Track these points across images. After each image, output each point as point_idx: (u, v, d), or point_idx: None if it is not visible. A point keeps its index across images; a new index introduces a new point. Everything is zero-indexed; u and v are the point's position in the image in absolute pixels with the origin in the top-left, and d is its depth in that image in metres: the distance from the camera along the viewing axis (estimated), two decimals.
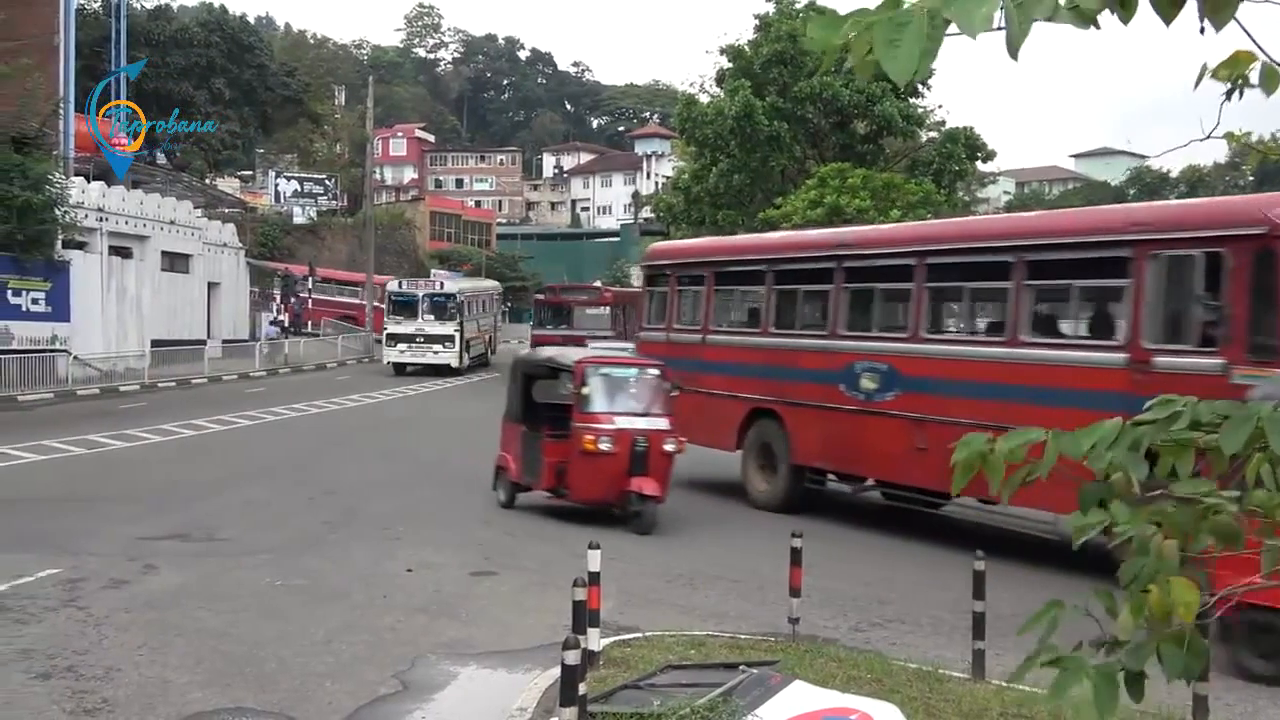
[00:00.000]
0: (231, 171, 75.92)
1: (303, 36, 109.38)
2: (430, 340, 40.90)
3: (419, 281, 45.63)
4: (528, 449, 15.38)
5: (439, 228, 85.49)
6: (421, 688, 8.09)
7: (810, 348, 15.98)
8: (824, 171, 32.46)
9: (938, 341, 14.39)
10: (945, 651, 9.09)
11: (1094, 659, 2.37)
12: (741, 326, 18.08)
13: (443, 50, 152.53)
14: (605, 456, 14.22)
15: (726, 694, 6.59)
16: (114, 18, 51.93)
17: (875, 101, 35.18)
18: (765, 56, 36.49)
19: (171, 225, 40.64)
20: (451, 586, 11.17)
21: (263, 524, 14.23)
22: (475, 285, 49.56)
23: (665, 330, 19.08)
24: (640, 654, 8.35)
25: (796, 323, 16.79)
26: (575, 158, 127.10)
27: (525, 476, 15.37)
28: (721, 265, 18.57)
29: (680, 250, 21.54)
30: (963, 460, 2.60)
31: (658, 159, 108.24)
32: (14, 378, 29.14)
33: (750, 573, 12.20)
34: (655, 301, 19.97)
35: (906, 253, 14.94)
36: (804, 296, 16.98)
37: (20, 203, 29.31)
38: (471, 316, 43.64)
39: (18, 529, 13.40)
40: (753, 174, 37.27)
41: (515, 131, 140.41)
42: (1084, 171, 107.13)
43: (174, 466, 19.19)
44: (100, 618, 9.43)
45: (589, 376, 14.63)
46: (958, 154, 36.17)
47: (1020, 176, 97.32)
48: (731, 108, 35.67)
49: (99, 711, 7.30)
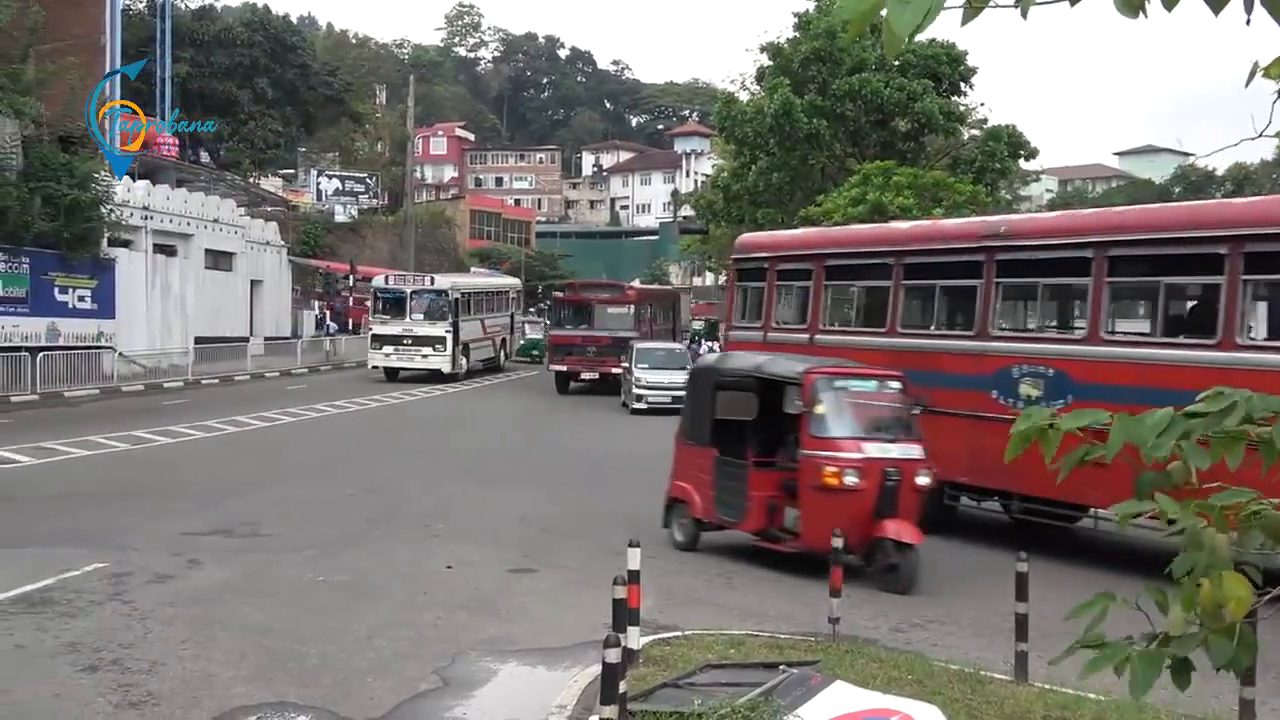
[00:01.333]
0: (274, 170, 76.48)
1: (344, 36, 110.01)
2: (419, 342, 36.79)
3: (407, 276, 40.56)
4: (724, 480, 12.71)
5: (479, 226, 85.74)
6: (462, 684, 8.12)
7: (952, 350, 14.39)
8: (868, 169, 32.29)
9: (1124, 344, 12.88)
10: (987, 653, 9.02)
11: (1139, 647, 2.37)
12: (861, 326, 16.48)
13: (483, 49, 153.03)
14: (849, 493, 11.44)
15: (767, 694, 6.56)
16: (159, 18, 52.62)
17: (916, 99, 34.94)
18: (805, 54, 36.35)
19: (215, 223, 41.05)
20: (491, 584, 11.21)
21: (304, 520, 14.34)
22: (477, 281, 45.76)
23: (761, 329, 17.50)
24: (679, 653, 8.35)
25: (933, 322, 15.34)
26: (614, 156, 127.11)
27: (720, 513, 12.76)
28: (835, 258, 16.83)
29: (781, 242, 19.46)
30: (1022, 432, 2.60)
31: (697, 157, 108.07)
32: (61, 374, 29.54)
33: (789, 572, 12.15)
34: (749, 298, 18.37)
35: (1083, 244, 13.23)
36: (943, 293, 15.34)
37: (67, 201, 29.73)
38: (472, 315, 39.71)
39: (64, 524, 13.59)
40: (792, 172, 37.14)
41: (555, 130, 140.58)
42: (1127, 169, 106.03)
43: (217, 463, 19.39)
44: (145, 612, 9.53)
45: (821, 390, 11.91)
46: (1000, 152, 35.86)
47: (1063, 174, 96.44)
48: (771, 106, 35.55)
49: (144, 704, 7.38)
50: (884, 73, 35.11)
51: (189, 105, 59.38)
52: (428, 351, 36.63)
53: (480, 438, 24.02)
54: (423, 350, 36.65)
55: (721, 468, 12.78)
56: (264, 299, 45.28)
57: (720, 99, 41.13)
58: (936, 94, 35.86)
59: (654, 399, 29.17)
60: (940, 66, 36.75)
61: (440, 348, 36.67)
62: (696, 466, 13.13)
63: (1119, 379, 12.17)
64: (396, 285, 38.60)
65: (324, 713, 7.39)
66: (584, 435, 25.50)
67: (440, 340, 36.71)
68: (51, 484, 16.68)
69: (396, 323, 36.95)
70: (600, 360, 34.27)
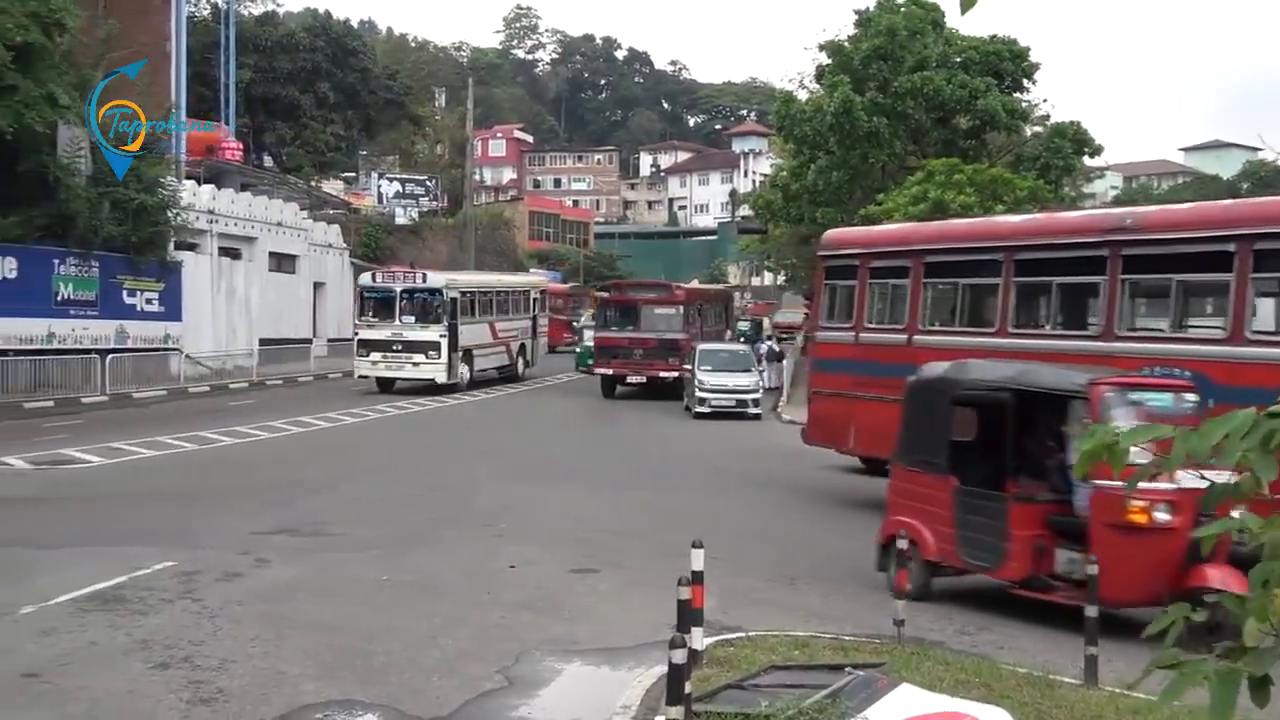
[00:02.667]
0: (336, 173, 77.31)
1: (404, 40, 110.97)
2: (409, 348, 32.35)
3: (396, 273, 35.49)
4: (969, 515, 10.68)
5: (537, 227, 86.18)
6: (526, 683, 8.16)
7: (1072, 352, 13.34)
8: (931, 165, 31.99)
9: (1272, 344, 12.00)
10: (1056, 657, 8.90)
11: (1216, 665, 2.32)
12: (967, 326, 15.62)
13: (541, 51, 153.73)
14: (1158, 533, 9.40)
15: (833, 695, 6.53)
16: (223, 25, 53.34)
17: (978, 96, 34.57)
18: (865, 52, 36.07)
19: (278, 227, 41.58)
20: (554, 583, 11.24)
21: (370, 519, 14.48)
22: (484, 279, 41.04)
23: (853, 330, 16.86)
24: (743, 654, 8.32)
25: (1048, 321, 14.65)
26: (672, 156, 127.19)
27: (966, 556, 10.76)
28: (936, 253, 16.06)
29: (874, 237, 18.61)
30: (1089, 450, 2.55)
31: (755, 157, 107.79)
32: (129, 375, 30.07)
33: (853, 573, 12.08)
34: (838, 297, 17.68)
35: (1224, 236, 12.37)
36: (1060, 291, 14.55)
37: (135, 205, 30.29)
38: (477, 318, 35.20)
39: (134, 523, 13.84)
40: (852, 171, 36.87)
41: (612, 131, 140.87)
42: (1194, 165, 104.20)
43: (283, 462, 19.65)
44: (215, 610, 9.67)
45: (1114, 406, 9.83)
46: (1064, 149, 35.37)
47: (1128, 171, 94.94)
48: (830, 104, 35.31)
49: (215, 701, 7.48)
50: (946, 70, 34.78)
51: (252, 110, 60.26)
52: (419, 358, 32.31)
53: (541, 440, 24.13)
54: (413, 357, 32.35)
55: (965, 501, 10.70)
56: (327, 301, 45.78)
57: (779, 98, 40.93)
58: (999, 91, 35.45)
59: (717, 402, 28.56)
60: (1002, 63, 36.31)
61: (433, 354, 32.26)
62: (927, 498, 11.09)
63: (1266, 381, 11.08)
64: (384, 283, 33.84)
65: (390, 711, 7.46)
66: (643, 438, 25.52)
67: (433, 345, 32.32)
68: (121, 484, 16.98)
69: (385, 326, 32.66)
70: (647, 363, 33.09)
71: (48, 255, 28.86)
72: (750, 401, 28.95)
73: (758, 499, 17.38)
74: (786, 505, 16.92)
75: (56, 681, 7.77)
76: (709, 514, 15.24)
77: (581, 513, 15.38)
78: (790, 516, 16.10)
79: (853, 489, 18.12)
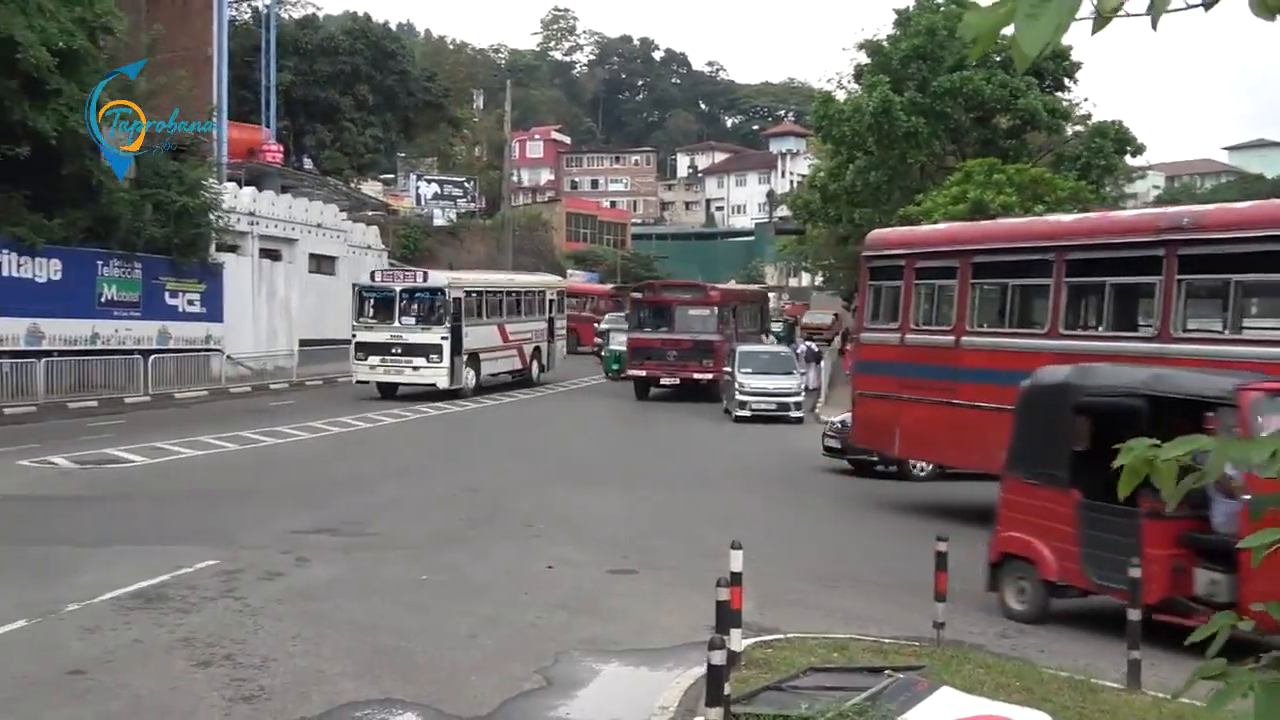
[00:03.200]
0: (374, 175, 77.80)
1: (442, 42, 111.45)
2: (409, 351, 30.67)
3: (395, 272, 34.15)
4: (1095, 532, 9.95)
5: (575, 229, 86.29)
6: (565, 684, 8.17)
7: (1125, 352, 13.04)
8: (970, 166, 31.79)
9: None
10: (1097, 660, 8.82)
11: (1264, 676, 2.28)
12: (1016, 327, 15.36)
13: (578, 53, 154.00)
14: None
15: (873, 698, 6.50)
16: (264, 28, 53.79)
17: (1019, 95, 34.34)
18: (904, 51, 35.94)
19: (318, 228, 41.86)
20: (591, 584, 11.26)
21: (408, 519, 14.56)
22: (492, 279, 38.72)
23: (898, 331, 16.55)
24: (782, 655, 8.30)
25: (1102, 323, 14.24)
26: (709, 157, 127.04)
27: (1093, 576, 9.96)
28: (984, 253, 15.72)
29: (920, 237, 18.34)
30: (1129, 465, 2.51)
31: (792, 157, 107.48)
32: (171, 376, 30.39)
33: (892, 575, 12.03)
34: (883, 298, 17.42)
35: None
36: (1113, 291, 14.10)
37: (177, 208, 30.60)
38: (485, 319, 33.47)
39: (177, 521, 13.99)
40: (890, 171, 36.72)
41: (650, 132, 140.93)
42: (1237, 164, 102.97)
43: (323, 462, 19.78)
44: (256, 608, 9.74)
45: (1264, 413, 9.20)
46: (1105, 148, 35.05)
47: (1170, 170, 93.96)
48: (869, 104, 35.17)
49: (256, 699, 7.54)
50: (985, 69, 34.56)
51: (293, 113, 60.70)
52: (419, 362, 30.56)
53: (579, 442, 24.17)
54: (413, 360, 30.61)
55: (1091, 516, 9.95)
56: None
57: (817, 98, 40.83)
58: (1040, 90, 35.20)
59: (759, 406, 27.85)
60: (1043, 62, 36.06)
61: (435, 358, 30.51)
62: (1045, 513, 10.33)
63: None
64: (384, 283, 32.17)
65: (430, 710, 7.49)
66: (680, 441, 25.49)
67: (434, 348, 30.58)
68: (164, 483, 17.16)
69: (383, 328, 30.92)
70: (681, 365, 32.55)
71: (91, 257, 29.21)
72: (792, 405, 28.40)
73: (795, 501, 17.33)
74: (825, 507, 16.86)
75: (101, 678, 7.86)
76: (746, 516, 15.21)
77: (618, 514, 15.39)
78: (828, 518, 16.05)
79: (892, 492, 18.04)
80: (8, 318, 26.83)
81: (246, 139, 46.64)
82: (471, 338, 32.00)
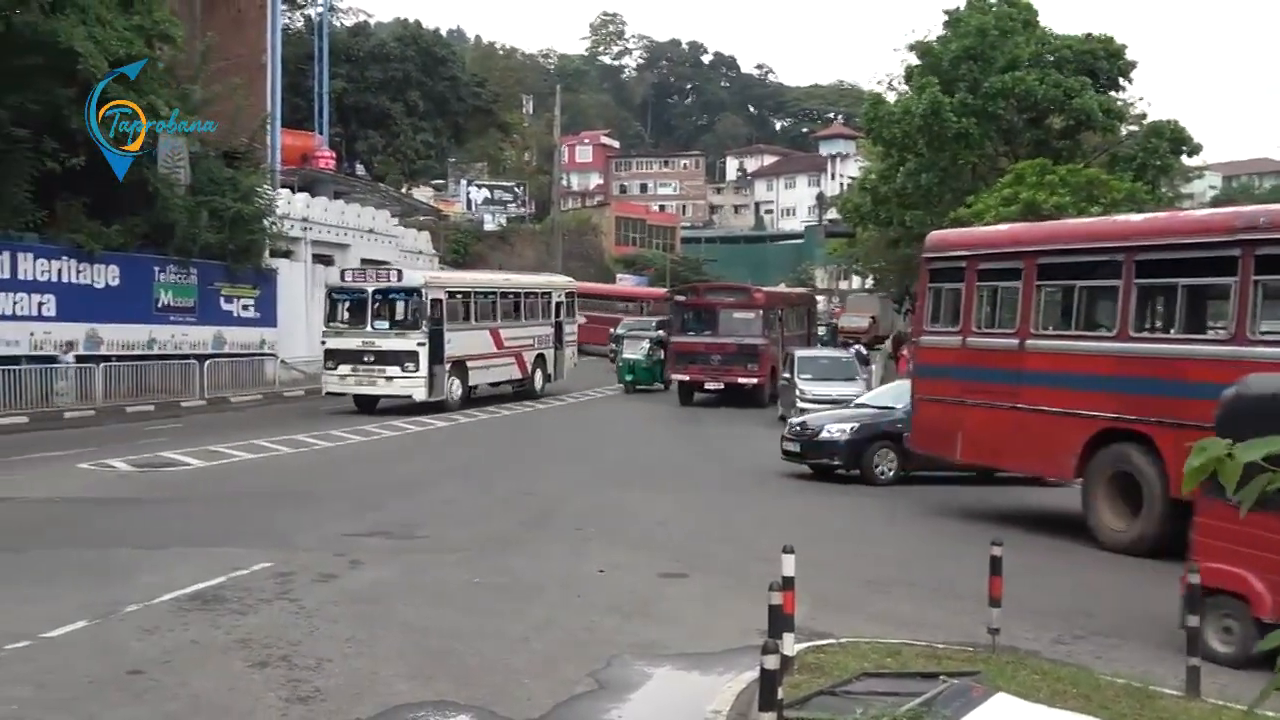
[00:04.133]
0: (426, 180, 78.45)
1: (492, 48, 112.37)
2: (382, 359, 27.63)
3: (367, 270, 30.56)
4: None
5: (624, 232, 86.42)
6: (617, 687, 8.18)
7: (1201, 356, 12.83)
8: (1022, 167, 31.51)
9: None
10: (1155, 668, 8.69)
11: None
12: (1084, 330, 15.03)
13: (627, 57, 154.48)
14: None
15: (927, 704, 6.46)
16: (316, 36, 54.43)
17: (1072, 95, 34.01)
18: (955, 53, 35.72)
19: (370, 234, 42.24)
20: (643, 587, 11.26)
21: (460, 522, 14.65)
22: (481, 278, 35.96)
23: (959, 334, 16.30)
24: (835, 660, 8.26)
25: (1173, 324, 13.90)
26: (759, 160, 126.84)
27: None
28: (1050, 254, 15.36)
29: (982, 238, 18.00)
30: (1197, 467, 2.49)
31: (842, 160, 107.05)
32: (226, 380, 30.80)
33: (945, 581, 11.93)
34: (943, 300, 17.13)
35: None
36: (1186, 293, 13.71)
37: (232, 214, 31.06)
38: (475, 324, 30.58)
39: (233, 524, 14.16)
40: (941, 173, 36.51)
41: (699, 135, 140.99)
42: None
43: (375, 465, 19.96)
44: (311, 610, 9.84)
45: None
46: (1161, 148, 34.63)
47: (1228, 170, 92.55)
48: (919, 105, 34.98)
49: (312, 700, 7.61)
50: (1038, 69, 34.27)
51: (345, 119, 61.39)
52: (392, 371, 27.59)
53: (630, 445, 24.20)
54: (386, 370, 27.63)
55: None
56: None
57: (867, 100, 40.67)
58: (1094, 90, 34.84)
59: None
60: (1097, 61, 35.70)
61: (410, 366, 27.48)
62: (1261, 542, 8.82)
63: None
64: (354, 282, 29.07)
65: (483, 712, 7.52)
66: (729, 445, 25.45)
67: (409, 356, 27.52)
68: (220, 486, 17.38)
69: (355, 333, 27.98)
70: (725, 369, 32.06)
71: (149, 263, 29.68)
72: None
73: (847, 505, 17.24)
74: (877, 512, 16.75)
75: (160, 678, 7.97)
76: (799, 519, 15.17)
77: (670, 517, 15.38)
78: (881, 523, 15.94)
79: (944, 497, 17.91)
80: (68, 323, 27.31)
81: (300, 145, 47.23)
82: (456, 344, 28.97)
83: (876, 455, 19.05)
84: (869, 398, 22.09)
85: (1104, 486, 13.90)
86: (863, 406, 21.05)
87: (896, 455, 18.85)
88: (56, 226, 27.30)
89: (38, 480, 17.22)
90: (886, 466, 19.04)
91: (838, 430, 19.24)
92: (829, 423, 19.57)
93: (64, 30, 24.03)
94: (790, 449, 19.81)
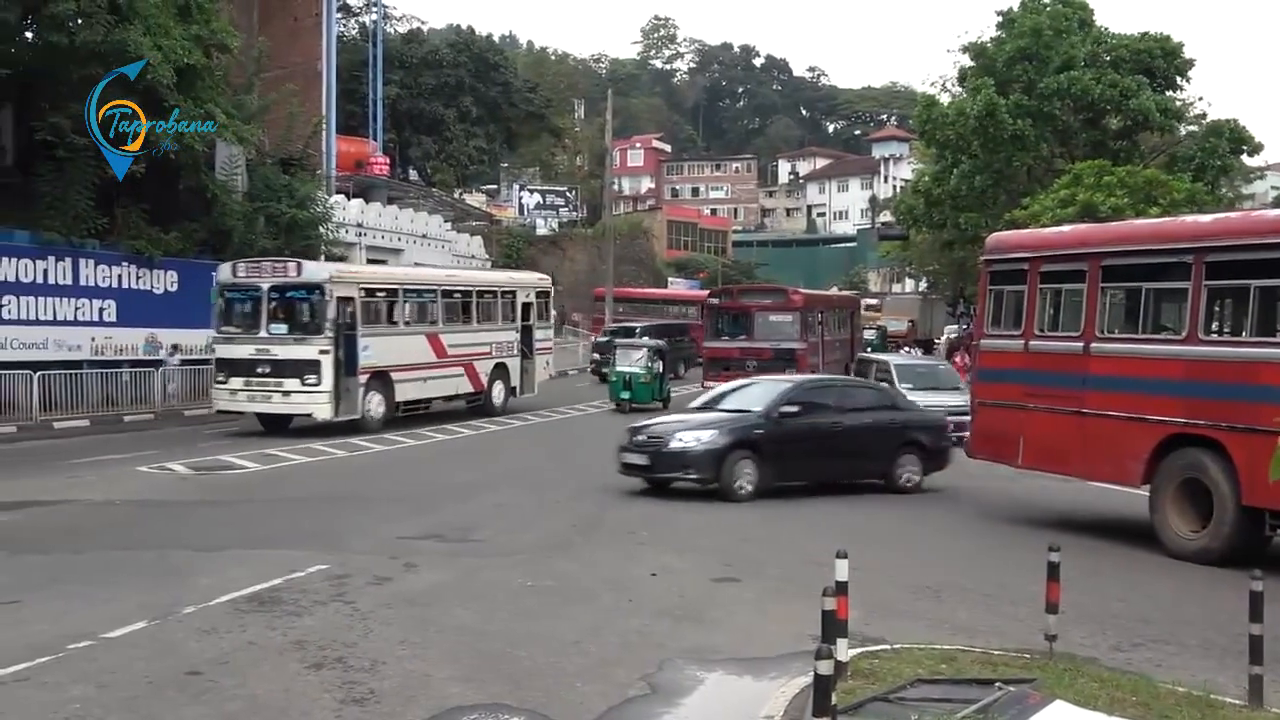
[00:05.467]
0: (478, 186, 78.99)
1: (544, 53, 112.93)
2: (279, 370, 23.35)
3: (263, 264, 25.07)
4: None
5: (676, 236, 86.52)
6: (669, 691, 8.16)
7: (1272, 359, 12.58)
8: (1079, 168, 31.17)
9: None
10: (1217, 676, 8.54)
11: None
12: (1151, 333, 14.66)
13: (679, 61, 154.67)
14: None
15: (983, 711, 6.39)
16: (371, 43, 54.96)
17: (1130, 95, 33.62)
18: (1009, 53, 35.49)
19: (424, 239, 42.62)
20: (694, 591, 11.24)
21: (513, 526, 14.71)
22: (416, 273, 31.50)
23: (1022, 338, 15.98)
24: (888, 666, 8.19)
25: (1245, 327, 13.56)
26: (811, 163, 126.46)
27: None
28: (1115, 256, 14.99)
29: (1045, 240, 17.63)
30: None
31: (895, 162, 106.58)
32: None
33: (1000, 586, 11.81)
34: (1005, 303, 16.76)
35: None
36: (1259, 295, 13.25)
37: (287, 220, 31.43)
38: (404, 328, 26.14)
39: (289, 526, 14.31)
40: (996, 174, 36.26)
41: (750, 139, 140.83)
42: None
43: (429, 469, 20.10)
44: (366, 612, 9.91)
45: None
46: (1221, 148, 34.13)
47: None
48: (973, 107, 34.78)
49: (366, 701, 7.67)
50: (1094, 69, 33.89)
51: (399, 125, 61.93)
52: (290, 384, 23.25)
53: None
54: (283, 383, 23.30)
55: None
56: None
57: (920, 101, 40.48)
58: (1151, 89, 34.41)
59: None
60: (1154, 61, 35.28)
61: (310, 379, 23.12)
62: None
63: None
64: (248, 277, 24.31)
65: (536, 715, 7.54)
66: None
67: (310, 366, 23.13)
68: (276, 489, 17.58)
69: (247, 339, 23.95)
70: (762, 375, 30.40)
71: (206, 269, 29.96)
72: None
73: (901, 509, 17.11)
74: (931, 516, 16.61)
75: (217, 679, 8.06)
76: (851, 525, 15.07)
77: (722, 522, 15.34)
78: (936, 528, 15.80)
79: (998, 500, 17.74)
80: (128, 328, 27.77)
81: (354, 152, 47.74)
82: (375, 351, 24.44)
83: (735, 467, 16.79)
84: (729, 402, 18.42)
85: (1172, 493, 13.60)
86: (709, 409, 18.51)
87: (755, 466, 16.90)
88: (117, 233, 27.81)
89: (98, 483, 17.49)
90: (745, 481, 16.90)
91: (691, 439, 16.95)
92: (680, 430, 17.28)
93: (133, 41, 24.40)
94: (634, 461, 17.32)
